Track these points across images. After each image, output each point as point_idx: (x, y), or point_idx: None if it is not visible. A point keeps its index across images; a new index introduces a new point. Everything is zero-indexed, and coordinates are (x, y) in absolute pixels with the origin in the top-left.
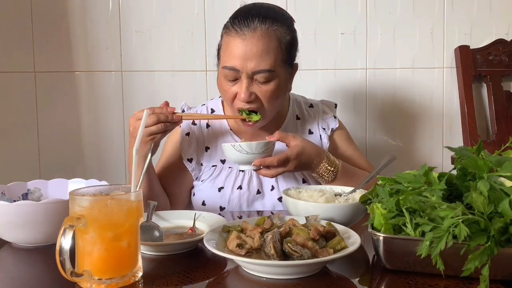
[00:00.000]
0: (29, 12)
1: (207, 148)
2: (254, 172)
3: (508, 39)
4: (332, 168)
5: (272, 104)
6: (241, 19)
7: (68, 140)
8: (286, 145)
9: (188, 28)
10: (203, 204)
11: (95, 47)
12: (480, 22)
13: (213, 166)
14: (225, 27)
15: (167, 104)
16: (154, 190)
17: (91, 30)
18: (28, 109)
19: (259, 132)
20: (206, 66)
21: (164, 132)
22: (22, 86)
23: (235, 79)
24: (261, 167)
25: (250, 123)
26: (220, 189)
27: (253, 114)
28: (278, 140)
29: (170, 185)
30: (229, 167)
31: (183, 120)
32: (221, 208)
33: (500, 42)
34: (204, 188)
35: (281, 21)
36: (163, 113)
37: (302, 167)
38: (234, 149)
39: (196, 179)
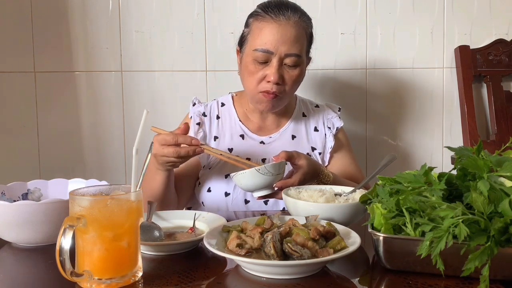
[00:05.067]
0: (29, 12)
1: (215, 138)
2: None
3: (508, 39)
4: (326, 180)
5: (292, 89)
6: (274, 7)
7: (68, 140)
8: (292, 163)
9: (188, 28)
10: (209, 190)
11: (95, 47)
12: (480, 22)
13: (220, 154)
14: (256, 14)
15: (187, 127)
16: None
17: (91, 30)
18: (28, 109)
19: (268, 124)
20: (206, 66)
21: (183, 160)
22: (22, 86)
23: (265, 62)
24: (279, 189)
25: (272, 95)
26: (226, 175)
27: None
28: (285, 160)
29: (177, 173)
30: (236, 156)
31: (195, 116)
32: (226, 194)
33: (500, 42)
34: (211, 175)
35: (306, 16)
36: (185, 143)
37: (310, 180)
38: (260, 173)
39: (203, 167)
